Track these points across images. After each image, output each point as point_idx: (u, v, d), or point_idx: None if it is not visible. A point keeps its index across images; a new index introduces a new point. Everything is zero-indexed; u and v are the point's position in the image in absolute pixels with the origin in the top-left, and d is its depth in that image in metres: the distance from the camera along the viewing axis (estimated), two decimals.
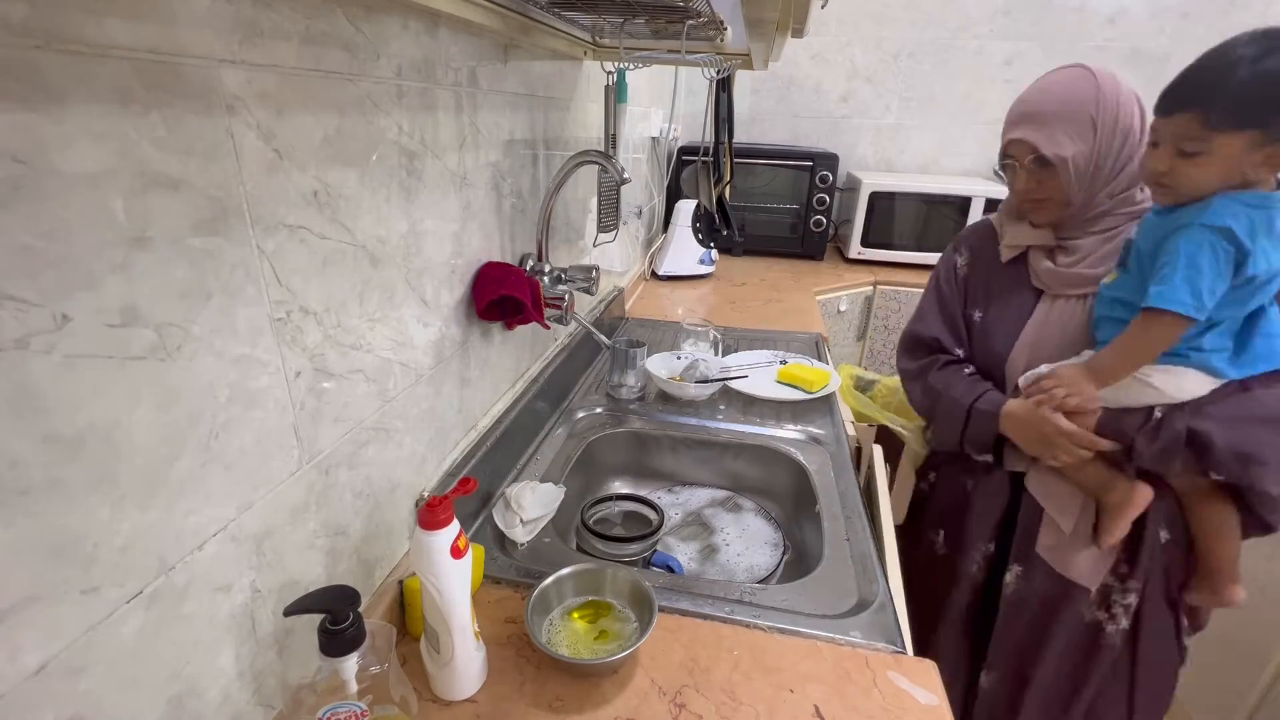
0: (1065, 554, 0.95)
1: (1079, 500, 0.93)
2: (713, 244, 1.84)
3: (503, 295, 0.82)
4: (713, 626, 0.70)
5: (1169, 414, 0.83)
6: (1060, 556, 0.95)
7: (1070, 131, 0.87)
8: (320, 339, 0.55)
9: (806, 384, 1.23)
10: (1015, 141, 0.91)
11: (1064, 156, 0.87)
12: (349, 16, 0.54)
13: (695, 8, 0.73)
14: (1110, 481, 0.88)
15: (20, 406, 0.33)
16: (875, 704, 0.61)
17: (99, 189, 0.35)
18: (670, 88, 1.93)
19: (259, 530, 0.50)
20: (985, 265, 1.04)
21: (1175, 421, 0.82)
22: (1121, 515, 0.87)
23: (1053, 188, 0.90)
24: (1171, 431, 0.82)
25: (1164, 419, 0.83)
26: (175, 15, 0.39)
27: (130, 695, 0.41)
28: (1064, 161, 0.87)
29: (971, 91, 2.40)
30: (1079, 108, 0.86)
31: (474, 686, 0.62)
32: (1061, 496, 0.94)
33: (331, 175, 0.54)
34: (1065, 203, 0.91)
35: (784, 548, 1.00)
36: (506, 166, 0.89)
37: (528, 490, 0.88)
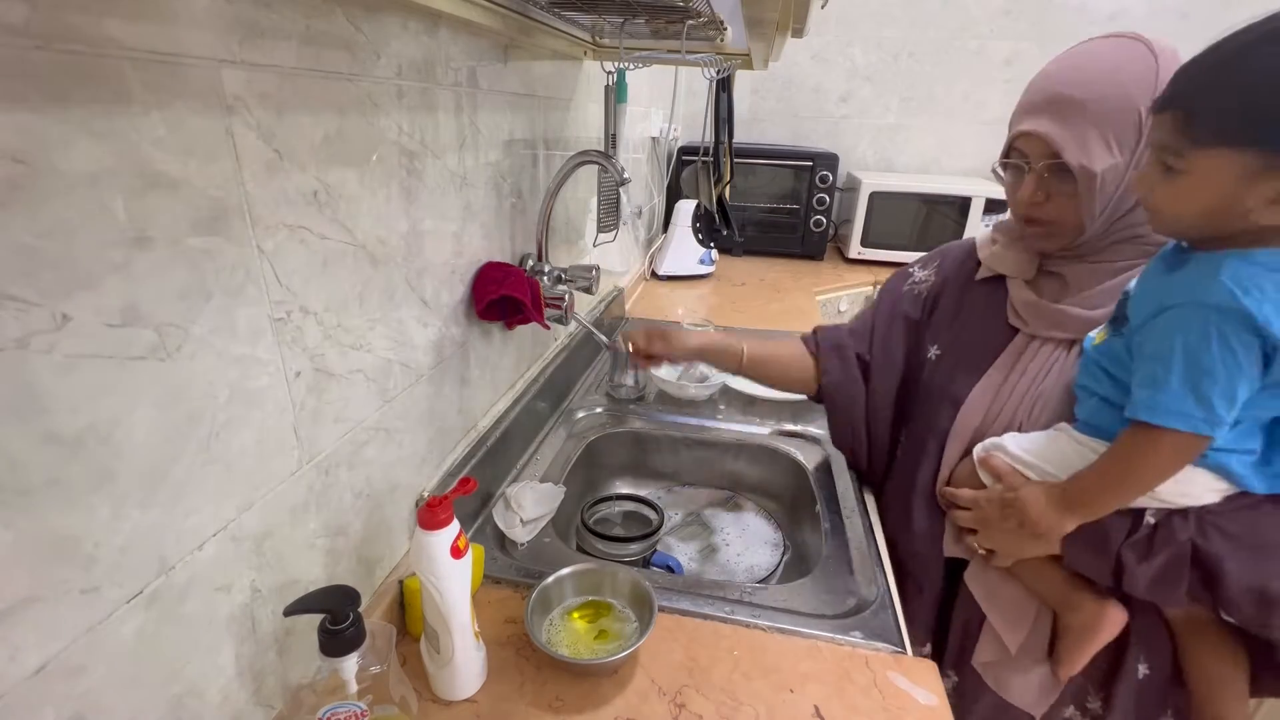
0: (1008, 674, 0.76)
1: (1031, 612, 0.73)
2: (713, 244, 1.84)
3: (503, 295, 0.82)
4: (713, 626, 0.70)
5: (1165, 522, 0.62)
6: (1001, 677, 0.77)
7: (1108, 135, 0.63)
8: (320, 339, 0.55)
9: None
10: (1028, 135, 0.68)
11: (1092, 171, 0.63)
12: (349, 16, 0.54)
13: (695, 8, 0.73)
14: (1074, 597, 0.69)
15: (20, 406, 0.33)
16: (875, 704, 0.61)
17: (99, 189, 0.35)
18: (670, 88, 1.93)
19: (259, 530, 0.50)
20: (957, 289, 0.84)
21: (1176, 532, 0.61)
22: (1085, 642, 0.68)
23: (1065, 208, 0.68)
24: (1172, 548, 0.61)
25: (1159, 528, 0.62)
26: (175, 15, 0.39)
27: (130, 695, 0.41)
28: (1091, 178, 0.64)
29: (971, 91, 2.40)
30: (1125, 101, 0.62)
31: (474, 686, 0.62)
32: (1010, 604, 0.74)
33: (331, 175, 0.54)
34: (1078, 230, 0.68)
35: (784, 548, 1.00)
36: (506, 166, 0.89)
37: (528, 490, 0.88)
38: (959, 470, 0.77)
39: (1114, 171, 0.64)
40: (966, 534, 0.75)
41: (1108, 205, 0.66)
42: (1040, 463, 0.68)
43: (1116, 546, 0.64)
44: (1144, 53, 0.63)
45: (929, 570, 0.82)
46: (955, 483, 0.78)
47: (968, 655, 0.80)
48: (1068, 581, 0.70)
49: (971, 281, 0.83)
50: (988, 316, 0.79)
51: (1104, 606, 0.67)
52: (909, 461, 0.85)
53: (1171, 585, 0.62)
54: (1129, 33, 0.66)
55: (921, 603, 0.83)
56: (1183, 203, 0.54)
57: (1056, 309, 0.72)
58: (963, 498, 0.75)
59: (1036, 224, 0.72)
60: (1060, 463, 0.67)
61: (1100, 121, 0.63)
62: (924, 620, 0.84)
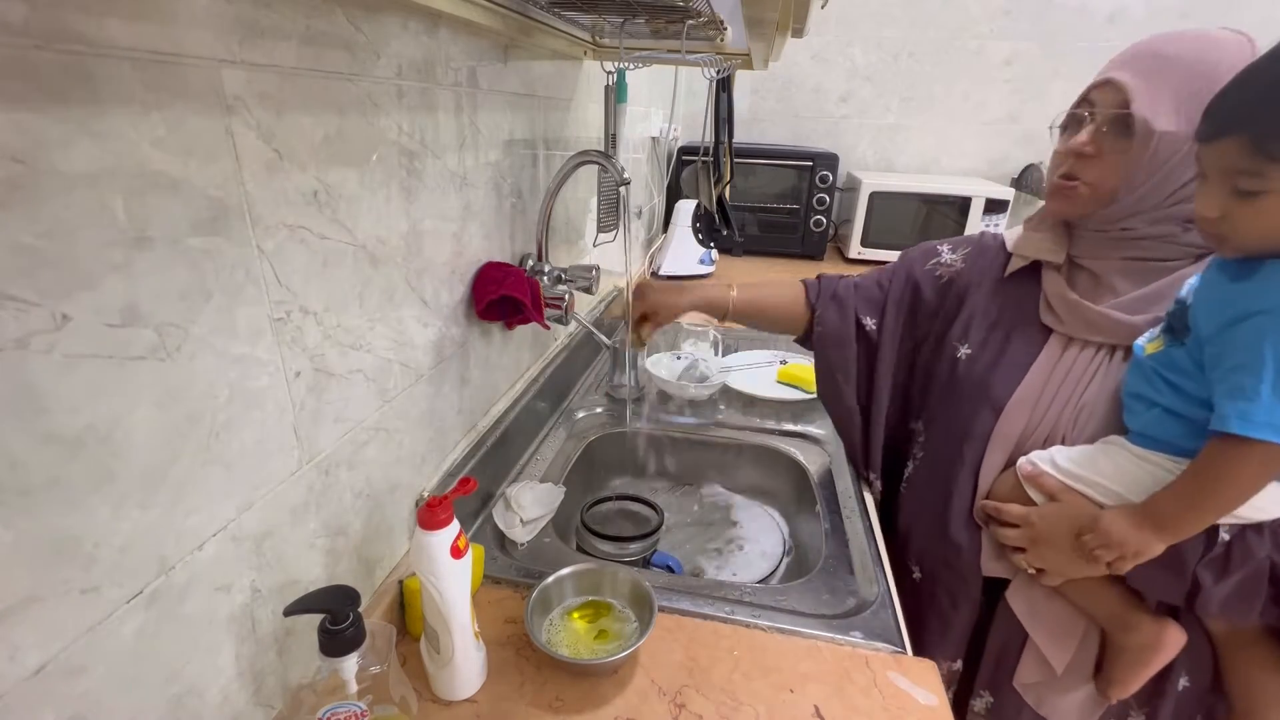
0: (1051, 695, 0.75)
1: (1079, 631, 0.72)
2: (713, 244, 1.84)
3: (503, 295, 0.82)
4: (713, 626, 0.70)
5: (1240, 538, 0.60)
6: (1044, 698, 0.75)
7: (1182, 101, 0.61)
8: (320, 339, 0.55)
9: (806, 384, 1.22)
10: (1107, 84, 0.66)
11: (1152, 129, 0.62)
12: (349, 16, 0.54)
13: (695, 7, 0.73)
14: (1131, 617, 0.67)
15: (20, 406, 0.33)
16: (875, 704, 0.61)
17: (99, 189, 0.35)
18: (670, 88, 1.93)
19: (259, 530, 0.50)
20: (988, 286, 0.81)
21: (1254, 549, 0.60)
22: (1144, 664, 0.67)
23: (1108, 170, 0.66)
24: (1250, 565, 0.59)
25: (1234, 545, 0.60)
26: (175, 15, 0.39)
27: (130, 695, 0.41)
28: (1149, 135, 0.63)
29: (971, 91, 2.40)
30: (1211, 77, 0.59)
31: (474, 686, 0.62)
32: (1057, 625, 0.73)
33: (331, 175, 0.54)
34: (1109, 198, 0.67)
35: (784, 548, 1.00)
36: (506, 166, 0.89)
37: (528, 490, 0.88)
38: (999, 484, 0.75)
39: (1171, 139, 0.62)
40: (1011, 552, 0.73)
41: (1152, 177, 0.64)
42: (1099, 479, 0.66)
43: (1193, 566, 0.61)
44: (1248, 48, 0.62)
45: (967, 586, 0.79)
46: (996, 497, 0.75)
47: (1004, 674, 0.77)
48: (1123, 601, 0.68)
49: (1003, 279, 0.80)
50: (1020, 316, 0.77)
51: (1164, 627, 0.66)
52: (940, 467, 0.81)
53: (1247, 603, 0.60)
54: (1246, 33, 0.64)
55: (956, 618, 0.80)
56: (1274, 220, 0.53)
57: (1098, 312, 0.69)
58: (1012, 514, 0.72)
59: (1071, 181, 0.69)
60: (1120, 478, 0.65)
61: (1180, 85, 0.62)
62: (957, 637, 0.81)
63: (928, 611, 0.82)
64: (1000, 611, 0.78)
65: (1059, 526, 0.68)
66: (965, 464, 0.77)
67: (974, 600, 0.79)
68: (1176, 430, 0.62)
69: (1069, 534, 0.67)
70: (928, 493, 0.83)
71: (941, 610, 0.81)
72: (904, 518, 0.88)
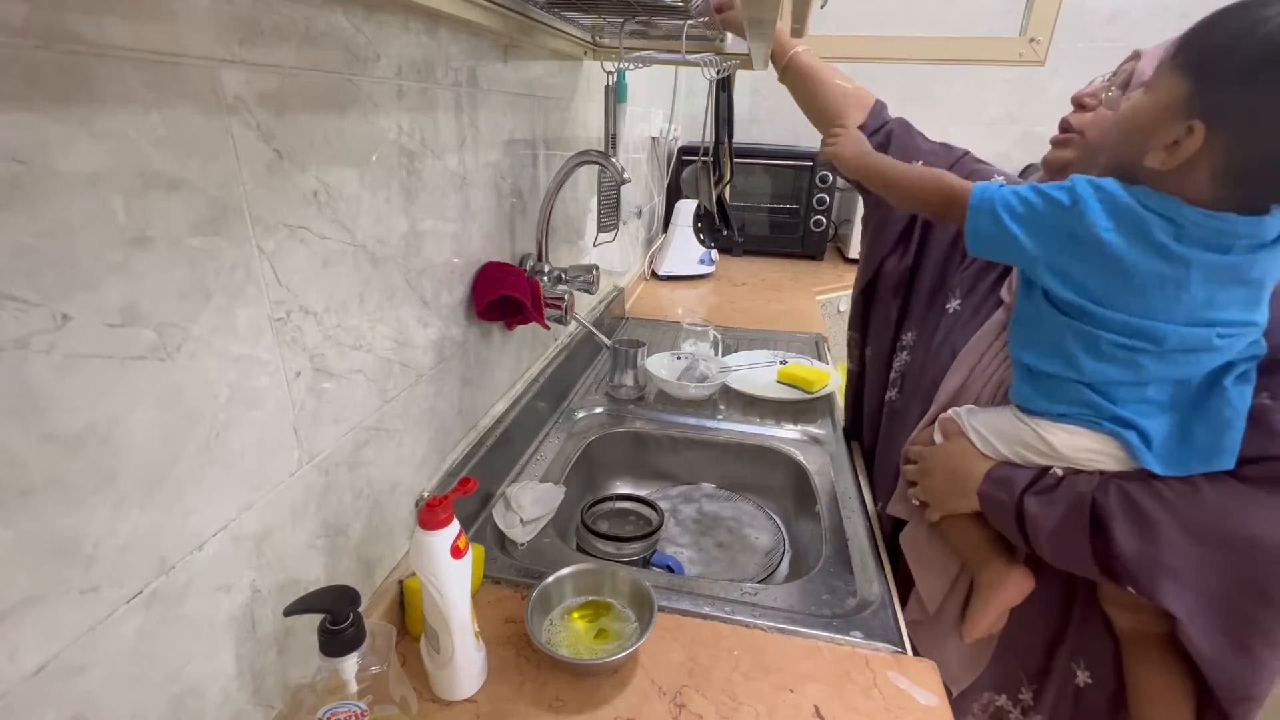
0: (930, 638, 0.76)
1: (951, 572, 0.75)
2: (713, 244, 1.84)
3: (503, 295, 0.82)
4: (713, 626, 0.70)
5: (1069, 476, 0.63)
6: (924, 637, 0.77)
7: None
8: (320, 339, 0.55)
9: (806, 384, 1.22)
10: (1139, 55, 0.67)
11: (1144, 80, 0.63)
12: (349, 16, 0.54)
13: (695, 7, 0.73)
14: (987, 555, 0.69)
15: (20, 406, 0.33)
16: (875, 704, 0.61)
17: (99, 189, 0.35)
18: (670, 88, 1.93)
19: (259, 530, 0.50)
20: None
21: (1078, 483, 0.62)
22: (989, 602, 0.68)
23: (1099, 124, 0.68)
24: (1072, 496, 0.61)
25: (1063, 480, 0.63)
26: (175, 15, 0.39)
27: (130, 695, 0.41)
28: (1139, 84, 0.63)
29: (971, 91, 2.40)
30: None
31: (474, 686, 0.62)
32: (932, 563, 0.76)
33: (331, 175, 0.54)
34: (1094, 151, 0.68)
35: (784, 548, 1.00)
36: (506, 166, 0.89)
37: (528, 490, 0.88)
38: (922, 431, 0.80)
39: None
40: (910, 487, 0.78)
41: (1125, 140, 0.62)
42: (982, 429, 0.70)
43: (1020, 491, 0.65)
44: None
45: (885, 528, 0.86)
46: (917, 442, 0.79)
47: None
48: (985, 542, 0.70)
49: None
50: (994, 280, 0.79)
51: (1011, 567, 0.68)
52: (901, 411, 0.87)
53: (1075, 541, 0.61)
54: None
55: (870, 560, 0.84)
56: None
57: None
58: (912, 451, 0.78)
59: (1066, 132, 0.72)
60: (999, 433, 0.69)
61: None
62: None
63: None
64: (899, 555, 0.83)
65: (940, 461, 0.73)
66: (915, 411, 0.82)
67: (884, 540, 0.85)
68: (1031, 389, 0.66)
69: (944, 468, 0.72)
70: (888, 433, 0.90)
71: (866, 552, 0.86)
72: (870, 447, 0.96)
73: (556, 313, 0.96)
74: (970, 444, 0.71)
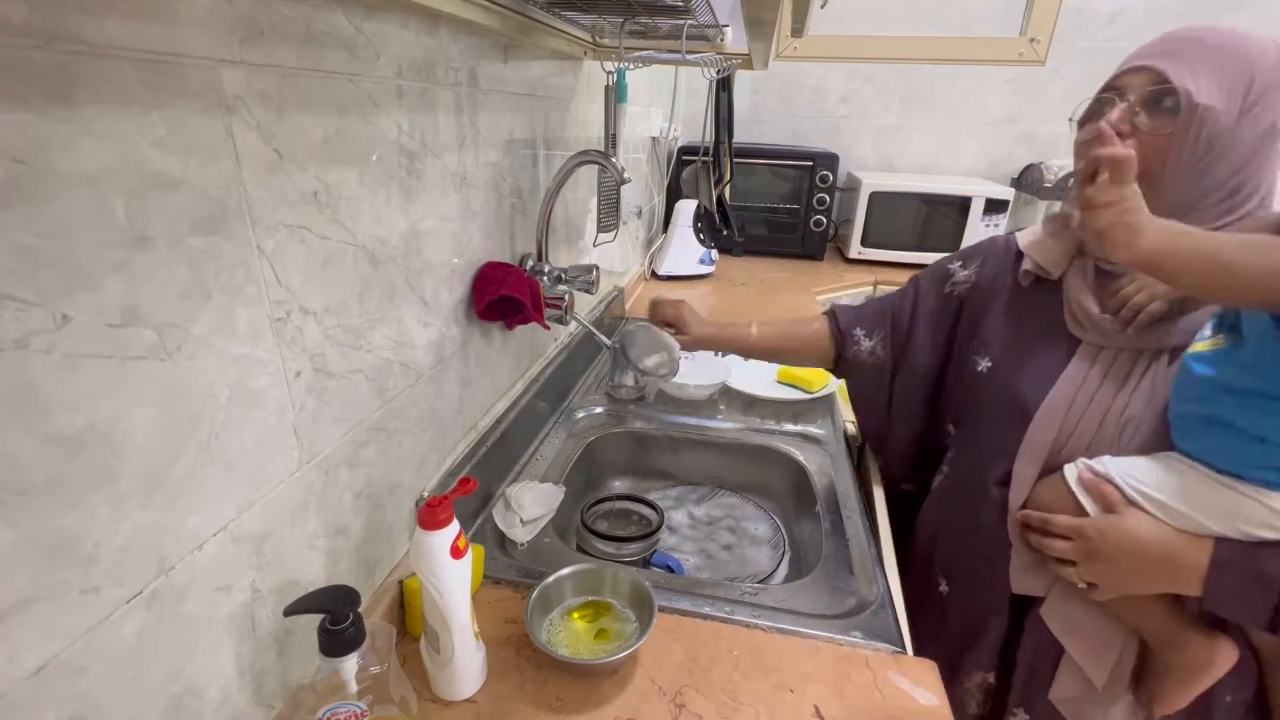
0: (1091, 708, 0.71)
1: (1117, 644, 0.69)
2: (713, 244, 1.84)
3: (503, 295, 0.82)
4: (713, 626, 0.70)
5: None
6: (1083, 711, 0.72)
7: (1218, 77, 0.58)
8: (320, 339, 0.55)
9: (806, 384, 1.22)
10: (1134, 70, 0.63)
11: (1197, 103, 0.58)
12: (349, 16, 0.54)
13: (695, 7, 0.73)
14: (1182, 635, 0.63)
15: (20, 406, 0.33)
16: (875, 704, 0.61)
17: (99, 189, 0.35)
18: (670, 88, 1.93)
19: (259, 530, 0.50)
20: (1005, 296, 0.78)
21: None
22: (1194, 681, 0.63)
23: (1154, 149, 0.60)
24: None
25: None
26: (175, 15, 0.39)
27: (130, 695, 0.41)
28: (1195, 110, 0.58)
29: (971, 91, 2.40)
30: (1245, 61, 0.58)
31: (474, 686, 0.62)
32: (1097, 639, 0.69)
33: (331, 175, 0.54)
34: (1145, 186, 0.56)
35: (784, 548, 1.00)
36: (506, 166, 0.89)
37: (528, 490, 0.88)
38: (1041, 493, 0.70)
39: (1216, 116, 0.58)
40: (1056, 564, 0.68)
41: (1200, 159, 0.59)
42: (1170, 499, 0.61)
43: (1279, 583, 0.56)
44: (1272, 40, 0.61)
45: (997, 600, 0.76)
46: (1038, 507, 0.70)
47: (1037, 689, 0.74)
48: (1172, 616, 0.64)
49: (1019, 286, 0.77)
50: (1044, 323, 0.73)
51: (1216, 643, 0.62)
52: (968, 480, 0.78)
53: None
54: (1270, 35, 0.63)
55: (987, 633, 0.77)
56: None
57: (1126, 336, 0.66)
58: (1062, 525, 0.66)
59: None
60: (1194, 501, 0.60)
61: (1219, 64, 0.59)
62: (989, 651, 0.78)
63: (957, 625, 0.80)
64: (1030, 627, 0.74)
65: (1118, 542, 0.63)
66: (993, 476, 0.74)
67: (1003, 614, 0.76)
68: (1246, 456, 0.56)
69: (1130, 551, 0.62)
70: (955, 505, 0.82)
71: (972, 624, 0.78)
72: (930, 528, 0.87)
73: (556, 313, 0.96)
74: (1152, 517, 0.61)
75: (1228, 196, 0.62)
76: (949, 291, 0.85)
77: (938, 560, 0.84)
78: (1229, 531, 0.58)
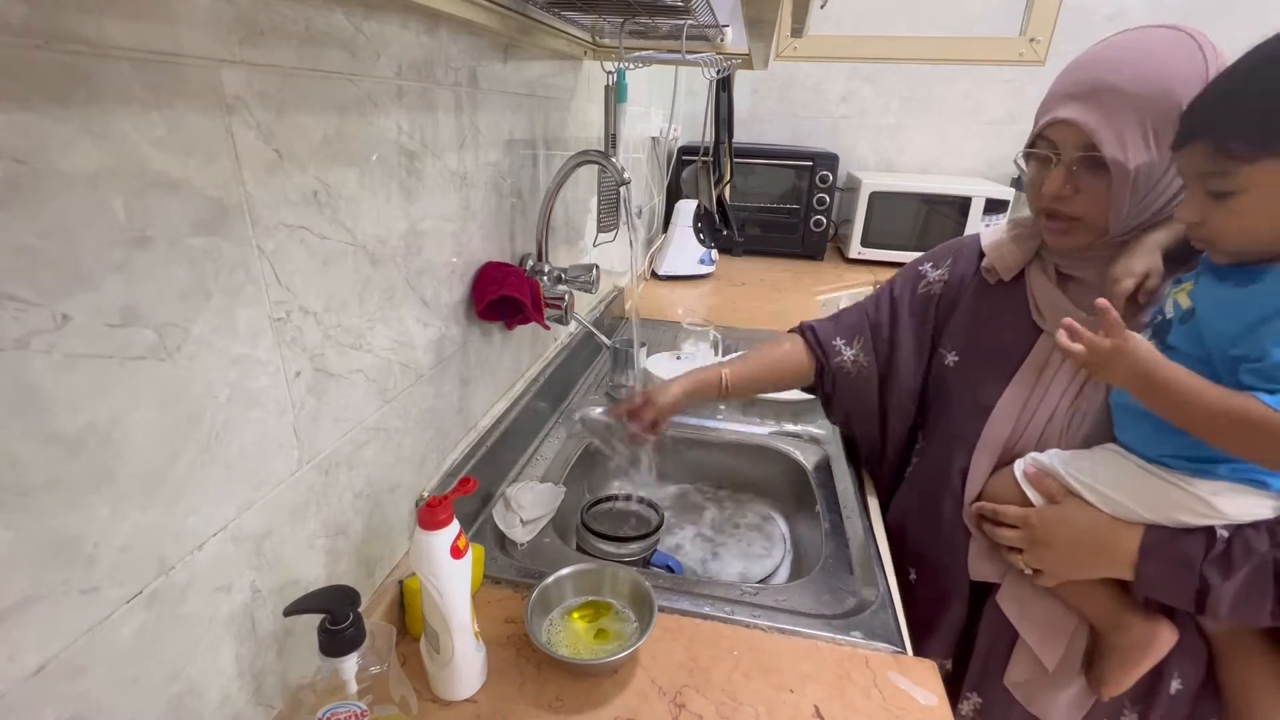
0: (1041, 693, 0.75)
1: (1069, 628, 0.72)
2: (713, 244, 1.84)
3: (503, 295, 0.82)
4: (713, 626, 0.70)
5: (1238, 534, 0.60)
6: (1034, 695, 0.76)
7: (1148, 127, 0.61)
8: (320, 339, 0.55)
9: None
10: (1062, 124, 0.65)
11: (1127, 168, 0.62)
12: (349, 16, 0.54)
13: (695, 7, 0.73)
14: (1124, 616, 0.67)
15: (20, 406, 0.33)
16: (875, 704, 0.61)
17: (99, 189, 0.35)
18: (670, 88, 1.93)
19: (259, 530, 0.50)
20: (972, 292, 0.81)
21: (1254, 544, 0.59)
22: (1136, 662, 0.67)
23: (1092, 203, 0.66)
24: (1254, 560, 0.59)
25: (1233, 541, 0.60)
26: (175, 15, 0.39)
27: (130, 695, 0.41)
28: (1125, 174, 0.62)
29: (971, 91, 2.40)
30: (1168, 94, 0.60)
31: (474, 686, 0.62)
32: (1049, 624, 0.73)
33: (331, 175, 0.54)
34: (1101, 228, 0.67)
35: (784, 548, 1.00)
36: (506, 166, 0.89)
37: (528, 490, 0.88)
38: (994, 485, 0.75)
39: (1148, 168, 0.62)
40: (1008, 552, 0.73)
41: (1138, 204, 0.64)
42: (1103, 487, 0.66)
43: (1199, 565, 0.60)
44: (1192, 48, 0.61)
45: (956, 586, 0.80)
46: (990, 498, 0.75)
47: (992, 675, 0.78)
48: (1115, 599, 0.68)
49: (985, 283, 0.80)
50: (1008, 319, 0.76)
51: (1156, 625, 0.66)
52: (932, 470, 0.82)
53: (1257, 602, 0.59)
54: (1175, 24, 0.63)
55: (946, 618, 0.81)
56: (1249, 219, 0.54)
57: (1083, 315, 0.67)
58: (1010, 515, 0.72)
59: (1058, 219, 0.69)
60: (1124, 488, 0.65)
61: (1141, 112, 0.61)
62: (947, 637, 0.82)
63: (921, 612, 0.82)
64: (987, 613, 0.78)
65: (1060, 529, 0.68)
66: (955, 467, 0.78)
67: (963, 600, 0.80)
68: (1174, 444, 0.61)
69: (1069, 538, 0.67)
70: (921, 495, 0.85)
71: (932, 610, 0.82)
72: (899, 516, 0.89)
73: (556, 313, 0.96)
74: (1090, 506, 0.66)
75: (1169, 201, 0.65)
76: (923, 292, 0.86)
77: (907, 549, 0.86)
78: (1159, 518, 0.63)
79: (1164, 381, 0.57)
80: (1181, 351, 0.59)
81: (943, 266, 0.86)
